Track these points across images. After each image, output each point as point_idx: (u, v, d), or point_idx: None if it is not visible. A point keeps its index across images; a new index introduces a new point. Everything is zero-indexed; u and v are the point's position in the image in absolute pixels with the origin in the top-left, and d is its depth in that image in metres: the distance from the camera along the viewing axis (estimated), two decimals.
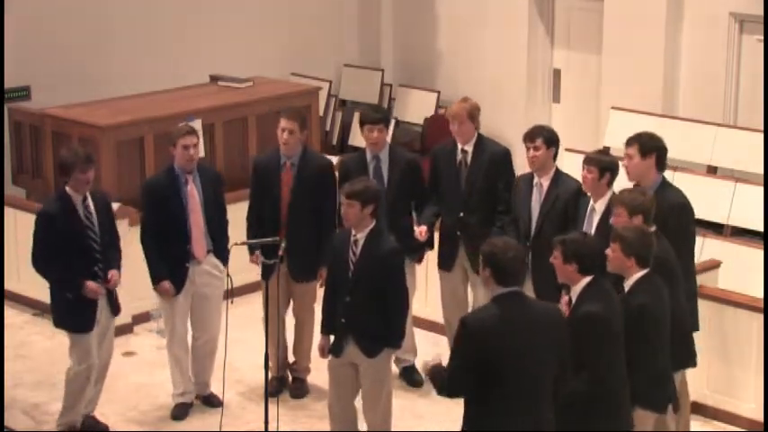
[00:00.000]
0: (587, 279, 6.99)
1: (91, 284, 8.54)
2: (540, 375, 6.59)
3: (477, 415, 6.62)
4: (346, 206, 7.97)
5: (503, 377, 6.49)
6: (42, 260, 8.63)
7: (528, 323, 6.57)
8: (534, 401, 6.58)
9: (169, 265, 9.05)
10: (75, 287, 8.54)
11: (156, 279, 9.10)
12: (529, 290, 8.78)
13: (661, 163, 8.27)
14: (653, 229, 7.65)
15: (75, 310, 8.62)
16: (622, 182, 8.39)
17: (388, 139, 9.88)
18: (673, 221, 7.91)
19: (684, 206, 8.19)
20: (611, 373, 6.94)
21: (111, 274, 8.68)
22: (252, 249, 9.24)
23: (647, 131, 8.44)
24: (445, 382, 6.68)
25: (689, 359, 7.90)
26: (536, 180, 8.87)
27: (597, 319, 6.87)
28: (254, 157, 9.70)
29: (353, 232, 8.04)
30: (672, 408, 7.51)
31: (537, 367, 6.56)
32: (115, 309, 8.85)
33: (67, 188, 8.61)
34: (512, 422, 6.52)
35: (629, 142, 8.32)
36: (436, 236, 9.54)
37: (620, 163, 8.38)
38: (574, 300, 7.04)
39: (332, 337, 8.27)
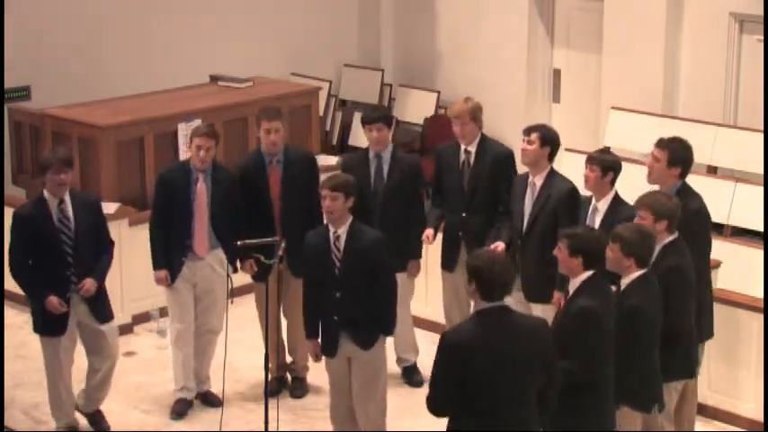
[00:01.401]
0: (588, 274, 7.00)
1: (53, 300, 8.52)
2: (524, 388, 6.53)
3: (461, 422, 6.58)
4: (331, 199, 7.96)
5: (485, 391, 6.43)
6: (16, 265, 8.64)
7: (510, 338, 6.48)
8: (517, 411, 6.52)
9: (168, 255, 9.09)
10: (41, 297, 8.55)
11: (154, 266, 9.17)
12: (519, 288, 8.86)
13: (684, 173, 8.24)
14: (675, 236, 7.63)
15: (46, 314, 8.61)
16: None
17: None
18: (691, 228, 7.88)
19: (701, 212, 8.15)
20: (600, 369, 6.94)
21: (84, 282, 8.63)
22: (246, 256, 9.20)
23: (680, 138, 8.34)
24: (428, 399, 6.59)
25: (690, 369, 7.89)
26: (530, 179, 8.89)
27: (591, 315, 6.87)
28: (237, 163, 9.64)
29: (332, 229, 8.04)
30: (657, 408, 7.51)
31: (520, 380, 6.49)
32: (100, 316, 8.76)
33: (45, 191, 8.60)
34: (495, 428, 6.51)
35: (661, 145, 8.23)
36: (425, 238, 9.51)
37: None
38: (571, 292, 7.04)
39: (320, 340, 8.26)
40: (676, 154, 8.19)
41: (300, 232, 9.00)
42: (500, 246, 8.91)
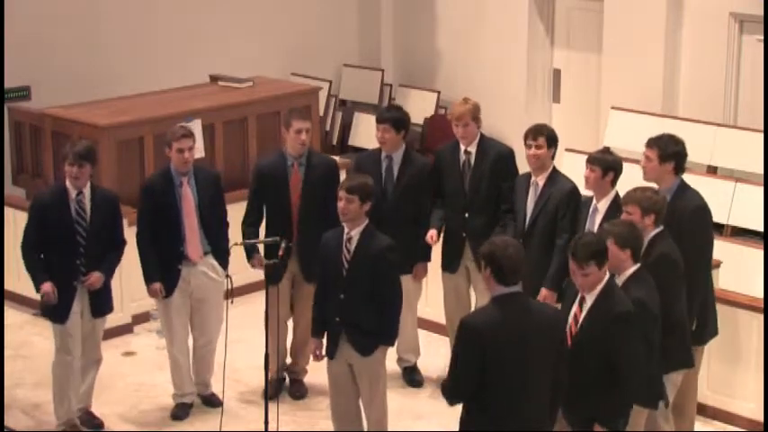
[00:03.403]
0: (606, 279, 7.01)
1: (46, 287, 8.59)
2: (537, 377, 6.59)
3: (474, 415, 6.62)
4: (346, 201, 7.94)
5: (500, 378, 6.48)
6: (26, 247, 8.72)
7: (527, 325, 6.57)
8: (531, 402, 6.57)
9: (162, 266, 9.06)
10: (39, 282, 8.61)
11: (147, 280, 9.12)
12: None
13: (680, 167, 8.25)
14: (660, 229, 7.66)
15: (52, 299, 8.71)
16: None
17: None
18: (691, 225, 7.89)
19: (703, 209, 8.16)
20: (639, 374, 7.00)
21: (91, 274, 8.69)
22: (250, 252, 9.20)
23: (668, 134, 8.37)
24: (447, 388, 6.65)
25: (687, 360, 7.90)
26: (533, 179, 8.91)
27: (631, 316, 6.91)
28: (257, 161, 9.64)
29: (347, 230, 8.03)
30: (663, 404, 7.53)
31: (535, 368, 6.56)
32: (97, 310, 8.82)
33: (67, 180, 8.67)
34: (507, 422, 6.52)
35: (650, 144, 8.26)
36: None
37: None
38: (593, 300, 7.00)
39: (324, 340, 8.26)
40: (666, 149, 8.21)
41: (316, 238, 8.99)
42: None
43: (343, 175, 9.61)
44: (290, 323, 9.58)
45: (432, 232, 9.33)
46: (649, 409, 7.47)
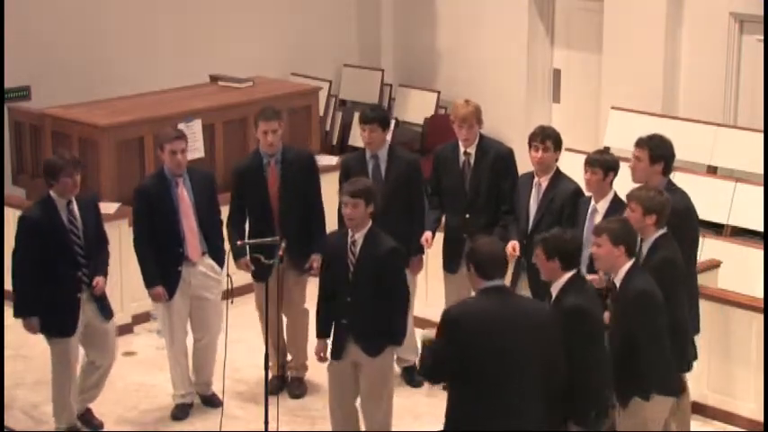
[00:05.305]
0: (569, 275, 7.02)
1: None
2: (523, 372, 6.58)
3: (458, 412, 6.64)
4: (351, 205, 7.96)
5: (483, 371, 6.50)
6: (20, 269, 8.60)
7: (513, 318, 6.61)
8: (517, 399, 6.57)
9: (162, 268, 9.05)
10: (36, 310, 8.56)
11: (148, 284, 9.11)
12: (525, 288, 8.87)
13: (668, 168, 8.28)
14: (664, 230, 7.66)
15: (55, 315, 8.61)
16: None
17: (389, 138, 9.83)
18: (681, 226, 7.91)
19: (689, 210, 8.19)
20: (599, 371, 6.94)
21: (96, 281, 8.66)
22: (239, 254, 9.20)
23: (658, 135, 8.40)
24: (426, 365, 6.77)
25: (689, 362, 7.90)
26: (536, 180, 8.92)
27: (582, 311, 6.90)
28: (235, 163, 9.70)
29: (351, 234, 8.04)
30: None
31: (519, 363, 6.56)
32: (106, 314, 8.84)
33: (52, 192, 8.58)
34: (492, 420, 6.52)
35: (640, 144, 8.29)
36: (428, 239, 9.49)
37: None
38: (554, 294, 7.06)
39: (329, 340, 8.27)
40: (656, 151, 8.24)
41: (299, 232, 9.01)
42: (516, 245, 8.89)
43: (335, 176, 9.62)
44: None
45: (427, 235, 9.35)
46: (676, 398, 7.48)
